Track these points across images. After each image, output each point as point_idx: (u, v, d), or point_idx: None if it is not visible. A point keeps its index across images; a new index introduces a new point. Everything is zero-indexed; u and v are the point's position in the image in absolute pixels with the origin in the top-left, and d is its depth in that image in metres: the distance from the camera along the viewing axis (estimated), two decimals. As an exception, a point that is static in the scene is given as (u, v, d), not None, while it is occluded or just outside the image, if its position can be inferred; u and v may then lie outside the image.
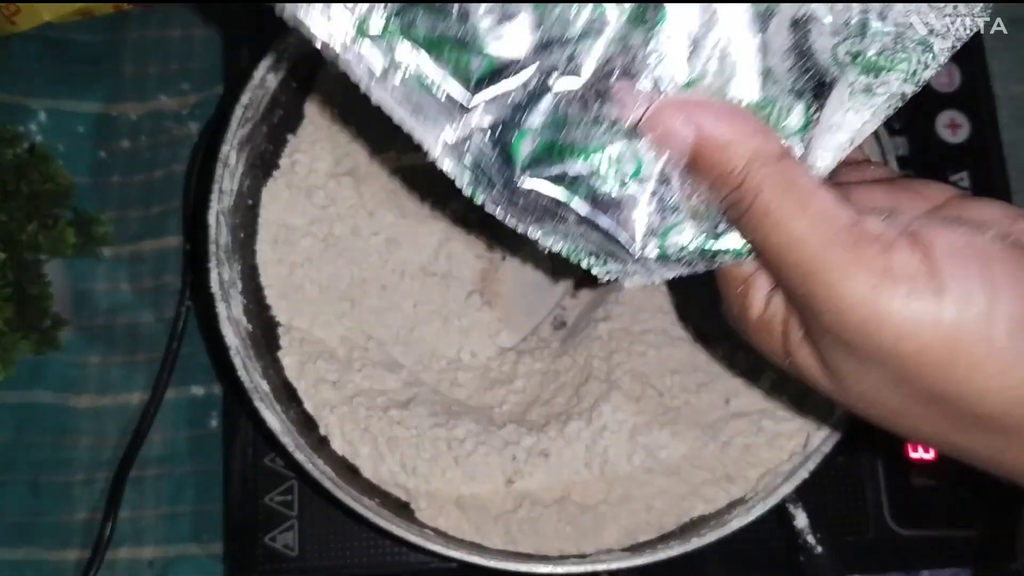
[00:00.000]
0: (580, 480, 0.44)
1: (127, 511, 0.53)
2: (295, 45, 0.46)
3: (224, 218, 0.43)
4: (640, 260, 0.26)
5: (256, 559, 0.49)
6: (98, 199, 0.58)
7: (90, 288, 0.57)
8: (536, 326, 0.49)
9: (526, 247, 0.49)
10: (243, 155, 0.45)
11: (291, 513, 0.50)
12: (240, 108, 0.44)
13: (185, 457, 0.54)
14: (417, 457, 0.43)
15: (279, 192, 0.47)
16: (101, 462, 0.54)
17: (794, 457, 0.43)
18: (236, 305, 0.43)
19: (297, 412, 0.44)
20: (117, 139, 0.59)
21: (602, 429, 0.43)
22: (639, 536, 0.43)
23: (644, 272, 0.27)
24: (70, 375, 0.55)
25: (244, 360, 0.42)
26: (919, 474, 0.52)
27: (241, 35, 0.56)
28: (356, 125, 0.48)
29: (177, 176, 0.58)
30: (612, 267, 0.27)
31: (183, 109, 0.60)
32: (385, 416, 0.44)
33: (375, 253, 0.47)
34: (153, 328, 0.56)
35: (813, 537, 0.43)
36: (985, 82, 0.57)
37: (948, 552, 0.52)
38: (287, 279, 0.46)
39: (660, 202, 0.25)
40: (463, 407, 0.46)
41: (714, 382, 0.44)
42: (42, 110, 0.59)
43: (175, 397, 0.55)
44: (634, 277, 0.27)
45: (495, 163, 0.25)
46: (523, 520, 0.43)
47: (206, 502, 0.53)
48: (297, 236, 0.46)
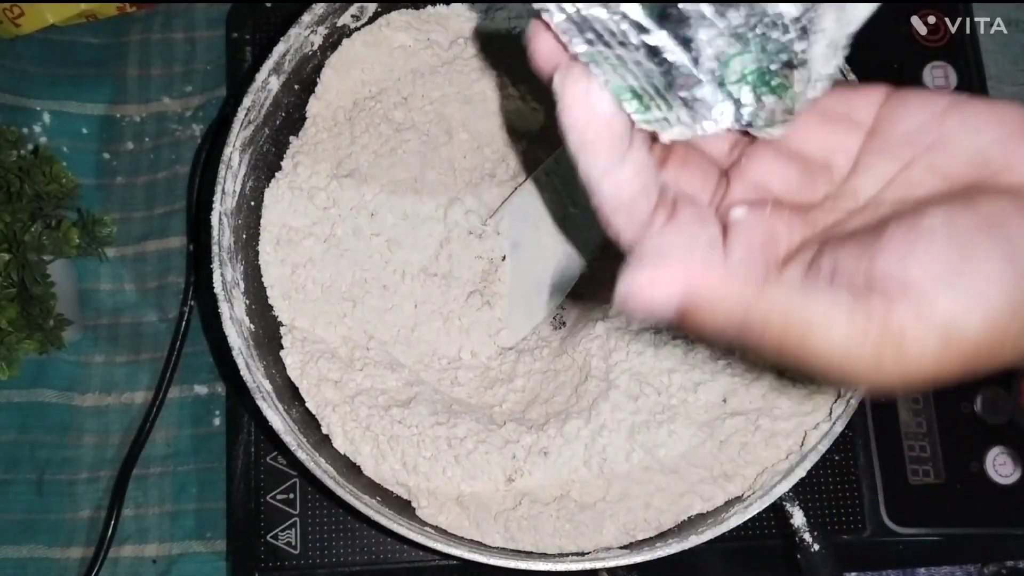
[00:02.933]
0: (579, 478, 0.44)
1: (131, 509, 0.53)
2: (297, 47, 0.46)
3: (227, 219, 0.44)
4: (692, 94, 0.26)
5: (259, 556, 0.49)
6: (102, 200, 0.59)
7: (94, 288, 0.57)
8: (536, 326, 0.49)
9: (527, 247, 0.49)
10: (246, 157, 0.45)
11: (293, 511, 0.50)
12: (243, 110, 0.44)
13: (188, 455, 0.55)
14: (418, 455, 0.43)
15: (281, 193, 0.47)
16: (105, 460, 0.54)
17: (791, 456, 0.43)
18: (239, 305, 0.43)
19: (299, 411, 0.45)
20: (121, 140, 0.60)
21: (601, 428, 0.44)
22: (637, 534, 0.43)
23: (688, 119, 0.26)
24: (74, 374, 0.56)
25: (247, 360, 0.42)
26: (916, 473, 0.52)
27: (244, 37, 0.57)
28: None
29: (180, 177, 0.59)
30: (654, 115, 0.26)
31: (186, 111, 0.60)
32: (386, 415, 0.44)
33: (376, 254, 0.47)
34: (156, 328, 0.57)
35: (810, 535, 0.43)
36: (981, 84, 0.58)
37: (944, 550, 0.52)
38: (289, 279, 0.46)
39: (728, 26, 0.25)
40: (463, 406, 0.46)
41: (711, 381, 0.45)
42: (46, 112, 0.59)
43: (178, 396, 0.55)
44: (675, 128, 0.27)
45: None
46: (523, 518, 0.43)
47: (209, 500, 0.54)
48: (299, 237, 0.47)
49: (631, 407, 0.44)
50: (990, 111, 0.29)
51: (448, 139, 0.49)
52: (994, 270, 0.25)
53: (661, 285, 0.25)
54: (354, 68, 0.49)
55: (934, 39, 0.58)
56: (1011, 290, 0.25)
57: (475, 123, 0.50)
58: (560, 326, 0.50)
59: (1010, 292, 0.25)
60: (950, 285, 0.25)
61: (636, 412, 0.44)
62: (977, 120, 0.29)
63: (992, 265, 0.25)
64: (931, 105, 0.29)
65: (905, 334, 0.25)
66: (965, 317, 0.25)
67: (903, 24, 0.58)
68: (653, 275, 0.25)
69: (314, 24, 0.46)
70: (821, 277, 0.26)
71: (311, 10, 0.46)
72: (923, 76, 0.57)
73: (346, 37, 0.48)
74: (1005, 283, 0.25)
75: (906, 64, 0.58)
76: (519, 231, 0.49)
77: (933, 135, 0.29)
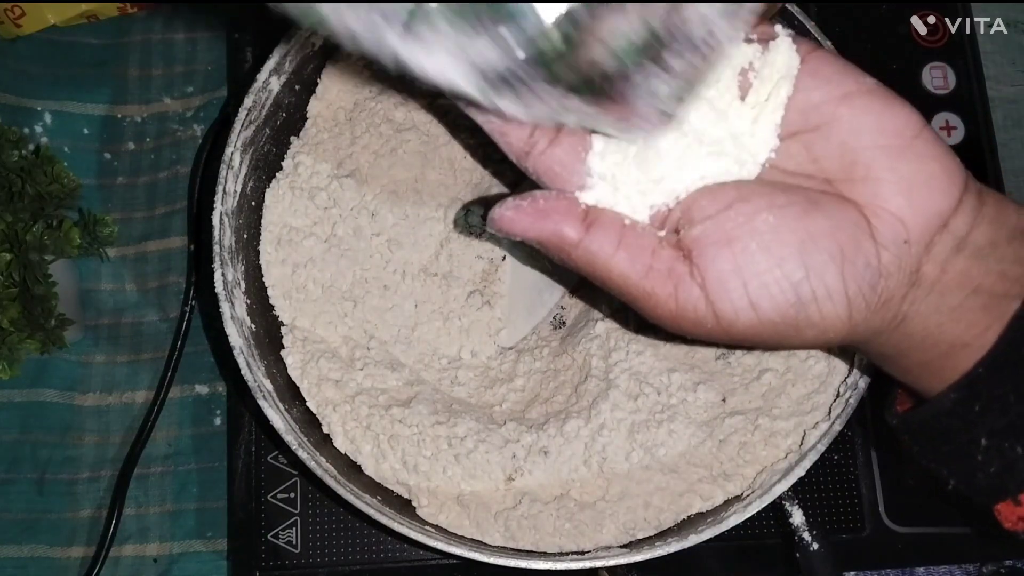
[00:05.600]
0: (579, 477, 0.44)
1: (132, 508, 0.54)
2: (298, 48, 0.46)
3: (228, 219, 0.44)
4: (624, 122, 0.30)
5: (259, 555, 0.49)
6: (103, 200, 0.59)
7: (95, 288, 0.57)
8: (536, 326, 0.50)
9: (527, 247, 0.49)
10: (247, 157, 0.45)
11: (294, 510, 0.50)
12: (244, 110, 0.44)
13: (189, 455, 0.55)
14: (418, 455, 0.44)
15: (282, 193, 0.47)
16: (106, 460, 0.55)
17: (790, 455, 0.44)
18: (240, 305, 0.44)
19: (300, 410, 0.45)
20: (122, 141, 0.60)
21: (600, 427, 0.44)
22: (637, 533, 0.43)
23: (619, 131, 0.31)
24: (75, 374, 0.56)
25: (248, 359, 0.42)
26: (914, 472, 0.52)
27: (245, 38, 0.57)
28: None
29: (181, 177, 0.59)
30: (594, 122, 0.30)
31: (187, 111, 0.60)
32: (387, 414, 0.44)
33: (377, 253, 0.48)
34: (157, 327, 0.57)
35: (809, 534, 0.43)
36: (980, 84, 0.58)
37: (943, 549, 0.52)
38: (290, 279, 0.47)
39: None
40: (464, 405, 0.46)
41: (711, 380, 0.45)
42: (47, 112, 0.59)
43: (179, 396, 0.56)
44: (511, 202, 0.32)
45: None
46: (523, 517, 0.43)
47: (210, 499, 0.54)
48: (300, 237, 0.47)
49: (631, 406, 0.44)
50: (882, 115, 0.31)
51: (448, 139, 0.50)
52: (787, 279, 0.29)
53: (517, 225, 0.32)
54: (355, 68, 0.49)
55: (933, 39, 0.58)
56: (796, 298, 0.30)
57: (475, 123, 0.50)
58: (560, 326, 0.50)
59: (796, 299, 0.30)
60: (743, 282, 0.30)
61: (636, 411, 0.44)
62: (865, 120, 0.30)
63: (787, 279, 0.30)
64: (836, 86, 0.31)
65: (685, 312, 0.31)
66: (745, 310, 0.30)
67: (903, 24, 0.59)
68: (513, 217, 0.32)
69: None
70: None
71: (312, 11, 0.46)
72: (922, 76, 0.58)
73: (347, 37, 0.48)
74: (787, 293, 0.30)
75: (905, 64, 0.58)
76: (519, 231, 0.49)
77: (823, 117, 0.31)
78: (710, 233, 0.30)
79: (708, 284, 0.30)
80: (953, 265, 0.30)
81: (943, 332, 0.31)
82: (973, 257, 0.30)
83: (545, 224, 0.32)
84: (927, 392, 0.33)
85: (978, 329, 0.30)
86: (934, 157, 0.30)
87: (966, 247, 0.30)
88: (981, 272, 0.30)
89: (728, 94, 0.31)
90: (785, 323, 0.30)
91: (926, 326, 0.31)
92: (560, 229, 0.31)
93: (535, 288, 0.49)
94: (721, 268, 0.30)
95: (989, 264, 0.30)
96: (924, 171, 0.30)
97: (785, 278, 0.29)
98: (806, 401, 0.44)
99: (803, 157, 0.31)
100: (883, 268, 0.30)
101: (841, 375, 0.44)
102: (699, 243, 0.30)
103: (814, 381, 0.44)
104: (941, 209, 0.29)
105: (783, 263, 0.29)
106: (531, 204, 0.32)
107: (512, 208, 0.32)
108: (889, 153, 0.30)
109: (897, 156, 0.30)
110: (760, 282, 0.30)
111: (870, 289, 0.30)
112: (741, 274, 0.30)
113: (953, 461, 0.32)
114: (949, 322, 0.30)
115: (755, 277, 0.30)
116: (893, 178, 0.29)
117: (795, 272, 0.29)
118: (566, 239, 0.31)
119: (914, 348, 0.32)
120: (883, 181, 0.30)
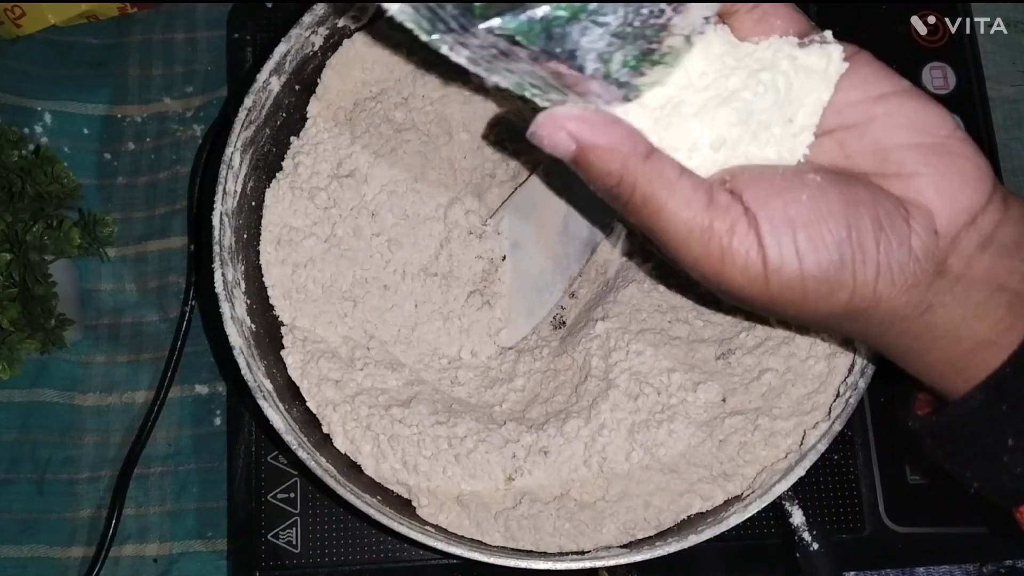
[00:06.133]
0: (579, 477, 0.44)
1: (132, 508, 0.54)
2: (298, 48, 0.46)
3: (228, 219, 0.44)
4: (582, 89, 0.29)
5: (259, 555, 0.49)
6: (103, 200, 0.59)
7: (95, 288, 0.57)
8: (536, 326, 0.50)
9: (527, 247, 0.49)
10: (247, 157, 0.45)
11: (294, 510, 0.50)
12: (244, 110, 0.44)
13: (189, 455, 0.55)
14: (418, 455, 0.44)
15: (282, 193, 0.47)
16: (106, 460, 0.55)
17: (790, 455, 0.43)
18: (240, 305, 0.44)
19: (300, 410, 0.45)
20: (122, 141, 0.60)
21: (600, 427, 0.44)
22: (637, 533, 0.43)
23: (583, 103, 0.29)
24: (75, 374, 0.56)
25: (248, 359, 0.42)
26: (914, 472, 0.52)
27: (245, 38, 0.57)
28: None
29: (181, 177, 0.59)
30: (552, 97, 0.29)
31: (187, 111, 0.60)
32: (387, 414, 0.44)
33: (377, 254, 0.48)
34: (157, 328, 0.57)
35: (809, 534, 0.43)
36: (980, 84, 0.58)
37: (943, 549, 0.52)
38: (290, 279, 0.47)
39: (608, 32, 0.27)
40: (464, 405, 0.46)
41: (711, 380, 0.45)
42: (47, 112, 0.59)
43: (179, 396, 0.56)
44: (574, 107, 0.29)
45: (454, 10, 0.26)
46: (523, 517, 0.43)
47: (210, 499, 0.54)
48: (300, 237, 0.47)
49: (631, 406, 0.44)
50: (916, 114, 0.31)
51: (448, 139, 0.50)
52: (832, 235, 0.29)
53: (584, 126, 0.29)
54: (354, 68, 0.49)
55: (933, 39, 0.58)
56: (839, 256, 0.29)
57: (475, 123, 0.50)
58: (560, 326, 0.50)
59: (838, 257, 0.29)
60: (793, 232, 0.29)
61: (636, 411, 0.44)
62: (900, 118, 0.31)
63: (832, 235, 0.29)
64: (873, 86, 0.31)
65: (736, 255, 0.30)
66: (791, 260, 0.29)
67: (903, 24, 0.59)
68: (580, 116, 0.29)
69: (315, 25, 0.46)
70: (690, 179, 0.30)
71: (312, 11, 0.46)
72: (922, 76, 0.58)
73: (347, 38, 0.48)
74: (831, 250, 0.29)
75: (905, 64, 0.58)
76: (519, 231, 0.49)
77: (858, 116, 0.31)
78: (762, 184, 0.30)
79: (761, 227, 0.29)
80: (979, 261, 0.30)
81: (968, 327, 0.31)
82: (998, 255, 0.30)
83: (616, 129, 0.29)
84: (950, 392, 0.33)
85: (1003, 327, 0.31)
86: (966, 156, 0.30)
87: (991, 244, 0.30)
88: (1006, 270, 0.30)
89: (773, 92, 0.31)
90: (823, 280, 0.30)
91: (950, 319, 0.31)
92: (633, 135, 0.29)
93: (535, 288, 0.49)
94: (773, 214, 0.29)
95: (1014, 263, 0.30)
96: (956, 167, 0.30)
97: (831, 233, 0.29)
98: (806, 401, 0.44)
99: (836, 153, 0.31)
100: (913, 251, 0.30)
101: (841, 375, 0.44)
102: (751, 189, 0.30)
103: (814, 381, 0.44)
104: (971, 204, 0.30)
105: (829, 218, 0.29)
106: (598, 111, 0.30)
107: (577, 112, 0.29)
108: (923, 150, 0.30)
109: (930, 152, 0.30)
110: (807, 234, 0.29)
111: (899, 268, 0.30)
112: (792, 223, 0.29)
113: (978, 463, 0.32)
114: (973, 317, 0.31)
115: (804, 228, 0.29)
116: (926, 172, 0.30)
117: (840, 229, 0.29)
118: (638, 147, 0.29)
119: (938, 341, 0.31)
120: (916, 175, 0.30)
